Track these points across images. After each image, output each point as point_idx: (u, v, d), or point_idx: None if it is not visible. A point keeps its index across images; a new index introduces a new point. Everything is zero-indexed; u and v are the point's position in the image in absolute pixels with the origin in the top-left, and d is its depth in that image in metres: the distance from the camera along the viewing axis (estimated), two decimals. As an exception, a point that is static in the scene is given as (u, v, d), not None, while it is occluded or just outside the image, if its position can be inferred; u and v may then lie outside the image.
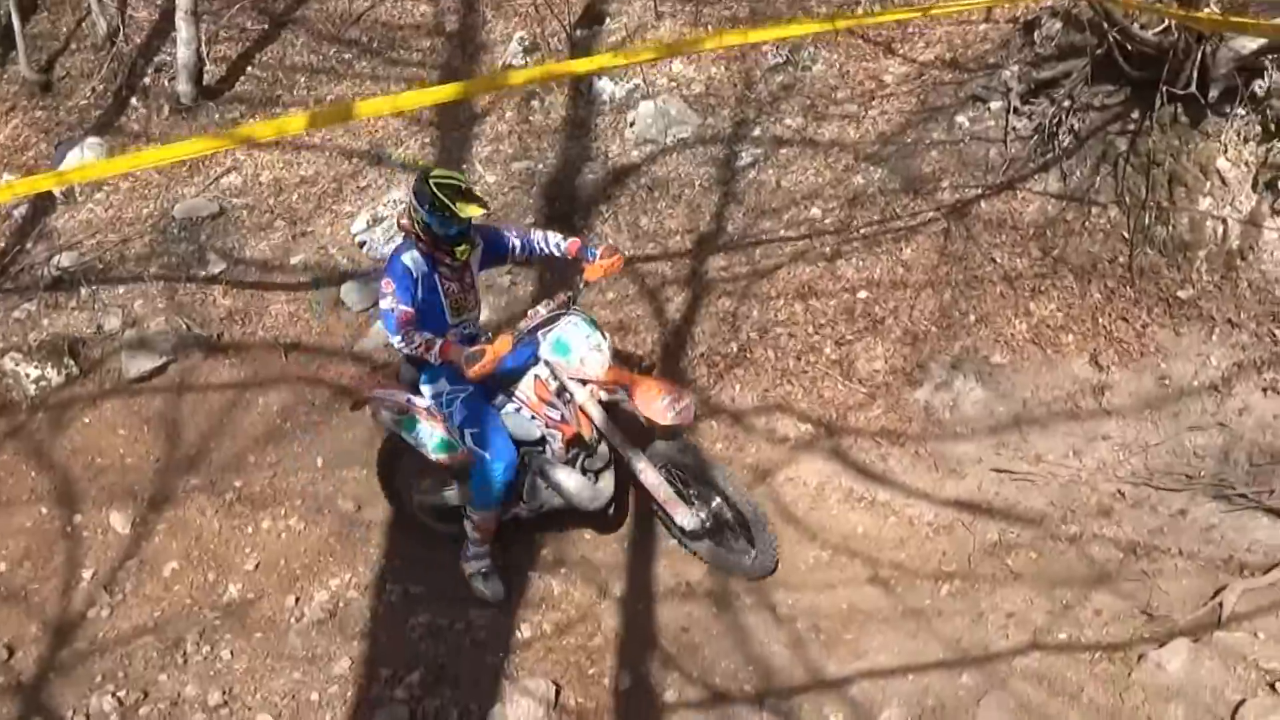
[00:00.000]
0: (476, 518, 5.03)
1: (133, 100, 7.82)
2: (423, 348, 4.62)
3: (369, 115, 6.99)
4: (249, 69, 7.96)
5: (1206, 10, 5.03)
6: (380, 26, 8.06)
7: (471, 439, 4.86)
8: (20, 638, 5.22)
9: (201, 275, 6.84)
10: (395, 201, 6.86)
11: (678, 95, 7.02)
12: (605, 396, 4.87)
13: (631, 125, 6.97)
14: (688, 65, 7.17)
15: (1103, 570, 4.75)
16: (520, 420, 4.94)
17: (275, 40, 8.09)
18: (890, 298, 5.85)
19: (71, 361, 6.42)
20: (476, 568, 5.15)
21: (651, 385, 4.80)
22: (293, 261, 6.86)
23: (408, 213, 4.69)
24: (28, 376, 6.31)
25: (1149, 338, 5.34)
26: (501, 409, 4.95)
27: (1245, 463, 4.92)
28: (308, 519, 5.62)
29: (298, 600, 5.26)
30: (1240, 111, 5.28)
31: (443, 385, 4.87)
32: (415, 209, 4.61)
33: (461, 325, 4.96)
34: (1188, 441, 5.06)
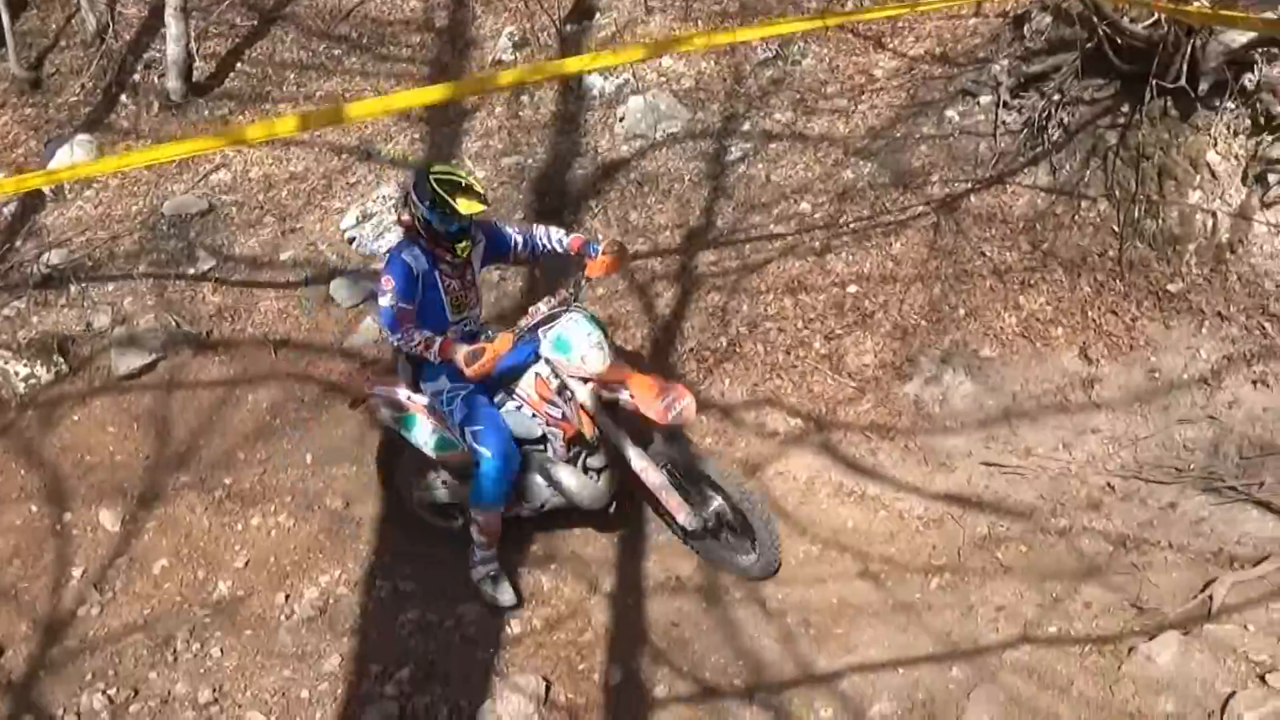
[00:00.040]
0: (480, 519, 4.96)
1: (122, 97, 7.82)
2: (422, 346, 4.58)
3: (360, 117, 6.96)
4: (239, 65, 7.96)
5: (1196, 4, 5.02)
6: (370, 22, 8.06)
7: (472, 437, 4.79)
8: (10, 636, 5.19)
9: (191, 272, 6.84)
10: (384, 197, 6.85)
11: (667, 90, 7.01)
12: (606, 395, 4.81)
13: (621, 120, 6.96)
14: (677, 60, 7.17)
15: (1092, 563, 4.75)
16: (521, 418, 4.88)
17: (265, 36, 8.09)
18: (880, 292, 5.85)
19: (61, 359, 6.40)
20: (485, 572, 5.07)
21: (652, 384, 4.73)
22: (282, 258, 6.84)
23: (408, 209, 4.63)
24: (17, 374, 6.29)
25: (1139, 331, 5.34)
26: (502, 407, 4.89)
27: (1235, 455, 4.93)
28: (297, 516, 5.60)
29: (288, 597, 5.24)
30: (1230, 105, 5.28)
31: (443, 383, 4.82)
32: (415, 205, 4.56)
33: (462, 323, 4.91)
34: (1177, 434, 5.07)
